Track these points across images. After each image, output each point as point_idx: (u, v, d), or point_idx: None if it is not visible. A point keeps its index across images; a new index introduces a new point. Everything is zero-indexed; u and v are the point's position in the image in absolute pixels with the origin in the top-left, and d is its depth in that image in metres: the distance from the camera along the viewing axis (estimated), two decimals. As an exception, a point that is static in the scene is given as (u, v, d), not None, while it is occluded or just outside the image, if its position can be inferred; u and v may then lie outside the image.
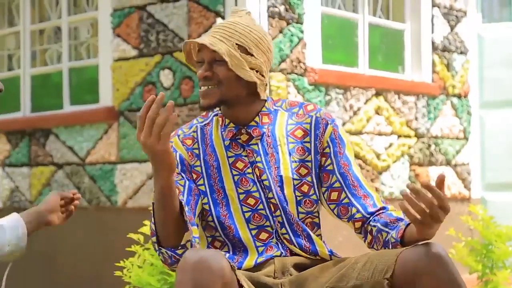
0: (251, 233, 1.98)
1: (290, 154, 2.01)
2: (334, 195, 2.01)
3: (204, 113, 2.12)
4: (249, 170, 1.99)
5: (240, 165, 2.00)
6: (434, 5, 5.86)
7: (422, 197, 1.74)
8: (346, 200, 2.01)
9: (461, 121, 6.09)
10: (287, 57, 4.84)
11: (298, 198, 2.00)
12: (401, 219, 1.96)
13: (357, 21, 5.54)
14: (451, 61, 5.99)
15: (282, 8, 4.83)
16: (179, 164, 2.02)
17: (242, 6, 4.66)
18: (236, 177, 1.99)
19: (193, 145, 2.04)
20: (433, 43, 5.86)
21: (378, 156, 5.43)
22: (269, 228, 1.99)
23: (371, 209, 2.00)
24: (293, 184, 2.00)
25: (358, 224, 2.02)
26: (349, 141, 2.04)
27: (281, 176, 2.00)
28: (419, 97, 5.76)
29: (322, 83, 5.07)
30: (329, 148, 2.02)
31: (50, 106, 5.76)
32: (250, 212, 1.99)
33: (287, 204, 1.99)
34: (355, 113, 5.30)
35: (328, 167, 2.02)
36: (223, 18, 4.71)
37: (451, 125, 6.00)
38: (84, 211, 5.41)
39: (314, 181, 2.03)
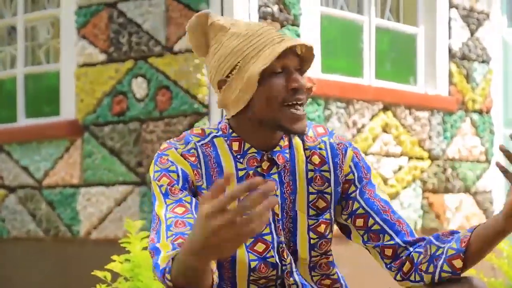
0: (249, 280, 1.95)
1: (308, 184, 1.98)
2: (359, 222, 2.01)
3: (198, 130, 1.97)
4: None
5: None
6: (452, 6, 5.91)
7: None
8: (376, 227, 2.00)
9: (483, 141, 6.12)
10: (281, 65, 4.86)
11: (312, 242, 1.99)
12: (457, 232, 1.96)
13: (362, 23, 5.58)
14: (471, 71, 6.04)
15: (275, 8, 4.86)
16: (180, 180, 1.89)
17: (229, 5, 4.69)
18: None
19: (196, 163, 1.92)
20: (450, 50, 5.91)
21: (385, 181, 5.44)
22: (272, 277, 1.96)
23: (407, 238, 1.99)
24: (308, 224, 1.98)
25: (389, 251, 2.00)
26: (372, 167, 2.05)
27: (296, 212, 1.97)
28: (433, 112, 5.79)
29: (321, 95, 5.09)
30: (353, 174, 2.01)
31: (1, 118, 5.75)
32: (257, 262, 1.94)
33: (296, 248, 1.98)
34: (359, 130, 5.32)
35: (352, 194, 2.01)
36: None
37: (470, 146, 6.03)
38: (40, 243, 5.38)
39: (332, 217, 2.02)
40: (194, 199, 1.90)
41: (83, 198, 5.19)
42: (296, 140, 2.00)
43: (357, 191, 2.01)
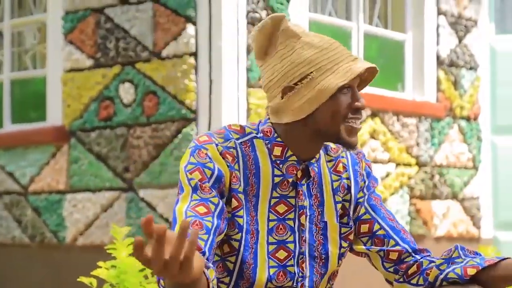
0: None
1: (334, 194, 2.02)
2: (364, 228, 2.04)
3: (236, 126, 1.96)
4: (291, 216, 1.95)
5: (281, 208, 1.95)
6: (440, 13, 5.93)
7: None
8: (381, 232, 2.03)
9: (470, 147, 6.13)
10: (269, 71, 4.86)
11: (342, 250, 2.01)
12: (479, 254, 1.98)
13: (350, 30, 5.59)
14: (459, 78, 6.05)
15: (264, 13, 4.86)
16: (213, 179, 1.87)
17: (217, 10, 4.68)
18: (271, 224, 1.94)
19: (234, 164, 1.91)
20: (438, 56, 5.92)
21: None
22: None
23: (413, 246, 2.03)
24: (340, 232, 2.01)
25: (394, 255, 2.02)
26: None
27: (325, 222, 1.99)
28: (421, 119, 5.80)
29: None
30: (364, 182, 2.07)
31: (-13, 124, 5.72)
32: (277, 269, 1.94)
33: (328, 259, 2.00)
34: (347, 137, 5.32)
35: (359, 200, 2.05)
36: (194, 23, 4.72)
37: (458, 153, 6.05)
38: (26, 249, 5.36)
39: (352, 224, 2.05)
40: (221, 202, 1.88)
41: (69, 204, 5.17)
42: (322, 154, 2.03)
43: (365, 198, 2.05)
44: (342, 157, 2.05)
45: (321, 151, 2.02)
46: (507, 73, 6.28)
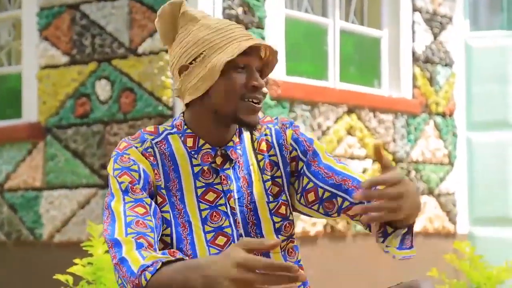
0: None
1: (262, 173, 2.03)
2: (311, 196, 2.04)
3: (151, 128, 2.00)
4: (222, 201, 1.98)
5: (210, 196, 1.97)
6: (415, 9, 5.97)
7: (377, 193, 1.78)
8: (326, 194, 2.03)
9: (446, 143, 6.19)
10: (245, 67, 4.87)
11: (277, 226, 2.02)
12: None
13: (327, 26, 5.61)
14: (434, 74, 6.10)
15: (240, 10, 4.87)
16: (141, 180, 1.91)
17: (193, 7, 4.69)
18: (204, 213, 1.96)
19: (156, 163, 1.96)
20: (413, 53, 5.96)
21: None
22: None
23: (353, 190, 2.03)
24: (269, 209, 2.02)
25: (351, 212, 2.03)
26: (315, 138, 2.11)
27: (254, 203, 2.01)
28: (397, 115, 5.84)
29: (286, 97, 5.11)
30: (296, 150, 2.06)
31: (-38, 121, 5.70)
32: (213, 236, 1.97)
33: (263, 237, 2.01)
34: (324, 133, 5.35)
35: (301, 171, 2.05)
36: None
37: (434, 149, 6.09)
38: (2, 246, 5.34)
39: (288, 198, 2.05)
40: (153, 203, 1.92)
41: (45, 201, 5.16)
42: (246, 134, 2.05)
43: (304, 166, 2.05)
44: (266, 134, 2.06)
45: (247, 133, 2.04)
46: (482, 70, 6.34)
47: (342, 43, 5.69)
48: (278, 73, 5.09)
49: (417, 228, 5.93)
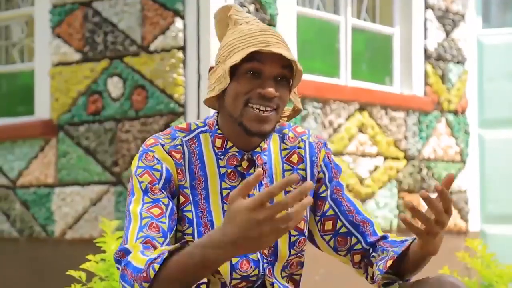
0: (230, 283, 1.97)
1: None
2: (328, 225, 2.06)
3: (183, 125, 2.01)
4: None
5: None
6: (427, 6, 5.97)
7: (433, 204, 1.80)
8: (343, 229, 2.05)
9: (458, 141, 6.18)
10: (257, 65, 4.88)
11: (293, 239, 2.02)
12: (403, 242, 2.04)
13: (338, 24, 5.62)
14: (446, 72, 6.09)
15: (251, 7, 4.88)
16: (162, 180, 1.92)
17: (205, 4, 4.70)
18: None
19: (180, 160, 1.96)
20: (425, 50, 5.96)
21: (361, 181, 5.48)
22: (254, 278, 1.99)
23: (370, 239, 2.06)
24: None
25: (357, 258, 2.06)
26: (342, 170, 2.11)
27: None
28: (409, 113, 5.84)
29: (298, 95, 5.11)
30: (323, 173, 2.06)
31: (-25, 118, 5.73)
32: (239, 258, 1.96)
33: (276, 248, 2.01)
34: (335, 130, 5.35)
35: (322, 194, 2.06)
36: (182, 17, 4.74)
37: (446, 146, 6.09)
38: (15, 243, 5.37)
39: (308, 215, 2.06)
40: (171, 203, 1.93)
41: (58, 198, 5.18)
42: (274, 142, 2.04)
43: (328, 191, 2.06)
44: (300, 147, 2.05)
45: (278, 140, 2.03)
46: (494, 67, 6.33)
47: (353, 41, 5.69)
48: (290, 70, 5.09)
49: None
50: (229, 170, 1.97)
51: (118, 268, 1.85)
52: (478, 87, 6.35)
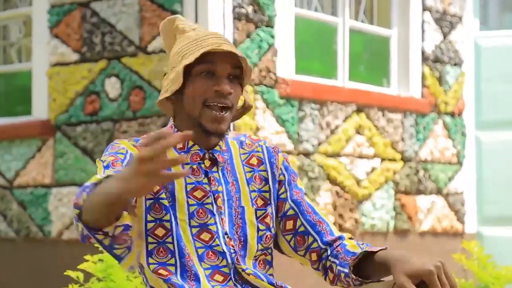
0: (205, 273, 2.05)
1: (248, 184, 2.13)
2: (289, 224, 2.16)
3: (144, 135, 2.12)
4: (209, 200, 2.08)
5: (199, 194, 2.07)
6: (425, 9, 5.98)
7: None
8: (302, 228, 2.15)
9: (455, 143, 6.19)
10: (255, 66, 4.89)
11: (260, 234, 2.12)
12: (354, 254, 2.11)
13: (336, 25, 5.63)
14: (443, 74, 6.11)
15: (250, 9, 4.89)
16: (126, 161, 2.02)
17: (203, 5, 4.71)
18: (192, 208, 2.06)
19: None
20: (423, 52, 5.97)
21: (358, 182, 5.49)
22: (225, 269, 2.06)
23: (327, 238, 2.14)
24: (256, 215, 2.11)
25: (314, 256, 2.15)
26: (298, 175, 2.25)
27: (243, 208, 2.11)
28: (406, 114, 5.85)
29: (295, 96, 5.12)
30: (283, 176, 2.17)
31: (-28, 117, 5.73)
32: (204, 249, 2.06)
33: (246, 241, 2.10)
34: (332, 132, 5.36)
35: (282, 195, 2.16)
36: (180, 19, 4.74)
37: (443, 148, 6.10)
38: (11, 243, 5.37)
39: (274, 212, 2.15)
40: None
41: (54, 198, 5.19)
42: (233, 146, 2.16)
43: (287, 193, 2.16)
44: (257, 151, 2.17)
45: (236, 145, 2.16)
46: (491, 69, 6.35)
47: (351, 42, 5.71)
48: (288, 71, 5.11)
49: (425, 227, 5.94)
50: (194, 166, 2.07)
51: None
52: (475, 89, 6.36)
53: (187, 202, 2.06)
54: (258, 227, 2.11)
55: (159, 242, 2.05)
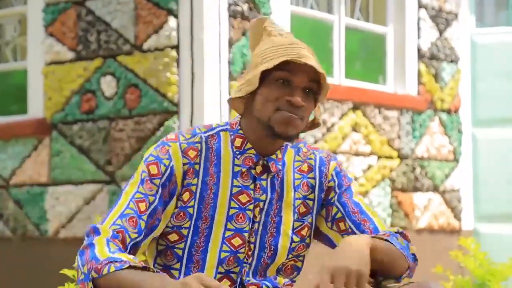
0: (215, 277, 2.07)
1: (295, 190, 2.13)
2: (342, 225, 2.15)
3: (208, 124, 2.13)
4: (251, 207, 2.08)
5: (243, 198, 2.08)
6: (420, 6, 5.99)
7: None
8: (349, 230, 2.14)
9: (451, 140, 6.20)
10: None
11: (293, 245, 2.12)
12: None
13: (332, 23, 5.63)
14: (439, 71, 6.11)
15: (245, 6, 4.89)
16: (164, 176, 2.03)
17: (199, 3, 4.71)
18: (232, 211, 2.07)
19: (195, 159, 2.06)
20: (419, 50, 5.98)
21: (355, 179, 5.49)
22: (234, 275, 2.08)
23: (369, 235, 2.10)
24: (293, 227, 2.12)
25: None
26: (354, 181, 2.21)
27: (281, 217, 2.11)
28: (402, 112, 5.86)
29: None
30: (333, 181, 2.16)
31: (-32, 116, 5.73)
32: (229, 254, 2.07)
33: (276, 250, 2.10)
34: (328, 129, 5.37)
35: (332, 200, 2.16)
36: (175, 16, 4.75)
37: (439, 145, 6.11)
38: (8, 242, 5.37)
39: (313, 222, 2.16)
40: (157, 202, 2.03)
41: (51, 197, 5.19)
42: (289, 154, 2.15)
43: (336, 197, 2.15)
44: (310, 158, 2.16)
45: (293, 153, 2.14)
46: (487, 66, 6.35)
47: (347, 40, 5.71)
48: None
49: (422, 224, 5.95)
50: (243, 170, 2.07)
51: (83, 240, 1.97)
52: (471, 86, 6.37)
53: (229, 204, 2.06)
54: (292, 239, 2.11)
55: (168, 245, 2.07)
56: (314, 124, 2.14)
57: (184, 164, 2.04)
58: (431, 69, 6.05)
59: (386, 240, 2.04)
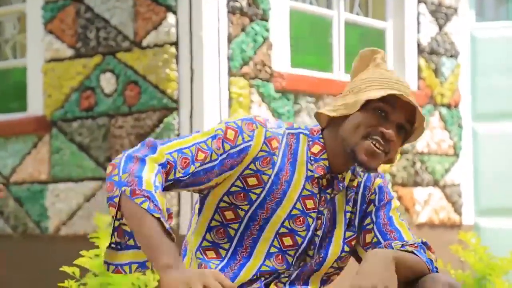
0: (259, 270, 2.10)
1: (346, 204, 2.19)
2: (369, 237, 2.20)
3: (290, 122, 2.18)
4: (313, 215, 2.12)
5: (309, 204, 2.12)
6: (420, 0, 5.99)
7: None
8: (374, 239, 2.19)
9: (451, 135, 6.20)
10: (250, 60, 4.90)
11: (343, 254, 2.18)
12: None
13: (331, 18, 5.63)
14: (439, 66, 6.11)
15: (244, 2, 4.89)
16: (236, 149, 2.05)
17: (197, 0, 4.72)
18: (295, 211, 2.10)
19: (275, 150, 2.09)
20: (418, 44, 5.98)
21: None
22: (284, 279, 2.12)
23: (394, 244, 2.16)
24: (344, 237, 2.17)
25: None
26: (396, 199, 2.27)
27: (334, 228, 2.16)
28: (402, 107, 5.85)
29: (291, 90, 5.13)
30: (375, 194, 2.21)
31: (-32, 114, 5.73)
32: (277, 251, 2.10)
33: (325, 258, 2.16)
34: (328, 125, 5.37)
35: (370, 212, 2.21)
36: (174, 13, 4.75)
37: (439, 140, 6.11)
38: (8, 239, 5.38)
39: (355, 234, 2.21)
40: (217, 164, 2.03)
41: (51, 194, 5.19)
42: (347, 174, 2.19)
43: (374, 209, 2.20)
44: (361, 176, 2.21)
45: (350, 176, 2.18)
46: (487, 61, 6.35)
47: (346, 35, 5.71)
48: (283, 65, 5.11)
49: (422, 219, 5.96)
50: (316, 175, 2.10)
51: (135, 146, 2.02)
52: (471, 80, 6.37)
53: (294, 204, 2.10)
54: (343, 248, 2.16)
55: (223, 223, 2.09)
56: (389, 160, 2.16)
57: (261, 151, 2.07)
58: (431, 64, 6.05)
59: (412, 252, 2.08)
